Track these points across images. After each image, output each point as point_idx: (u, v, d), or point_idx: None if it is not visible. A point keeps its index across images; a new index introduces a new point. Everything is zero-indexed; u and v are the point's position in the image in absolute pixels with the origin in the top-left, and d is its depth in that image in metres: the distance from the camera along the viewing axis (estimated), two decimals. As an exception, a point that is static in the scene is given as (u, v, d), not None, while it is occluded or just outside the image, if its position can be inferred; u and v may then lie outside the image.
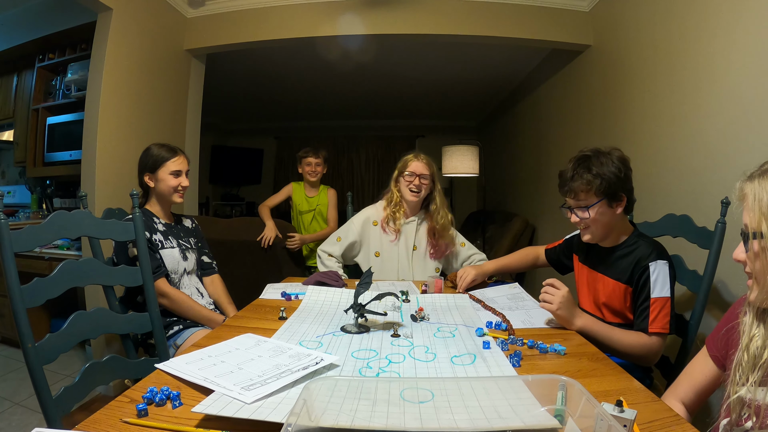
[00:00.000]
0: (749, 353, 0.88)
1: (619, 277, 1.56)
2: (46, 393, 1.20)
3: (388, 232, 2.35)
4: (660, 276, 1.46)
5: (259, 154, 8.03)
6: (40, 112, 3.59)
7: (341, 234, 2.38)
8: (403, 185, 2.30)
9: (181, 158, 2.01)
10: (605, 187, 1.48)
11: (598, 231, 1.58)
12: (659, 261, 1.48)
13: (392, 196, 2.35)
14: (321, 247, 2.41)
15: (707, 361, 1.09)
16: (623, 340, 1.43)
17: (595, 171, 1.48)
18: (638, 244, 1.55)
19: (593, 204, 1.51)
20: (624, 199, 1.52)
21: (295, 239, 3.12)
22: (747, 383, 0.87)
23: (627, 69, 2.79)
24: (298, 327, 1.42)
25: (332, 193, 3.46)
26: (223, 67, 4.56)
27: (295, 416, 0.67)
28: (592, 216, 1.53)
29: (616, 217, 1.55)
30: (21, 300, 1.20)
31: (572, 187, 1.53)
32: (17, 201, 4.25)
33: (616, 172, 1.48)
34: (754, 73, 1.78)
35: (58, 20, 3.37)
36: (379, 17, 3.29)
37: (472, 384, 0.86)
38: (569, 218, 1.61)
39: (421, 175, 2.27)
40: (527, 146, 5.07)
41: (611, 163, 1.49)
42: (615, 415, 0.74)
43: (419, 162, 2.29)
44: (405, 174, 2.29)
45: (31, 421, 2.31)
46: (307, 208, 3.45)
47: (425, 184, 2.28)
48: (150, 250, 1.88)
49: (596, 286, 1.66)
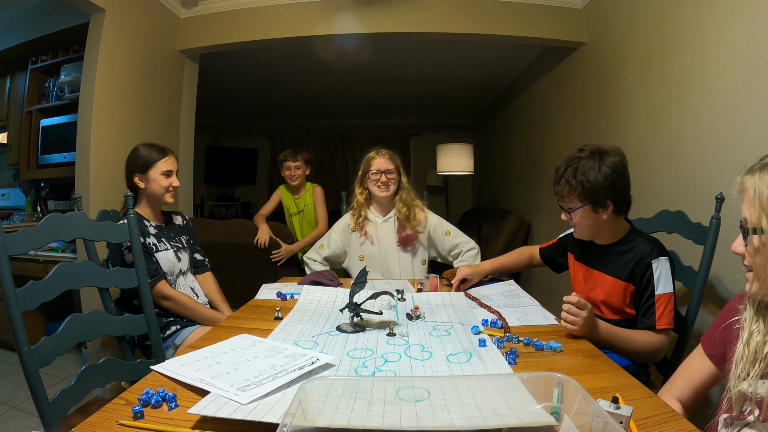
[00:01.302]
0: (750, 348, 0.88)
1: (618, 275, 1.56)
2: (42, 396, 1.19)
3: (364, 236, 2.36)
4: (663, 273, 1.47)
5: (254, 154, 8.01)
6: (34, 114, 3.58)
7: (324, 242, 2.40)
8: (371, 184, 2.31)
9: (171, 158, 2.01)
10: (587, 194, 1.48)
11: (584, 232, 1.61)
12: (661, 258, 1.49)
13: (358, 200, 2.36)
14: (307, 255, 2.44)
15: (704, 360, 1.09)
16: (637, 341, 1.44)
17: (580, 178, 1.47)
18: (636, 242, 1.55)
19: (576, 209, 1.53)
20: (610, 206, 1.50)
21: (280, 253, 3.07)
22: (748, 377, 0.87)
23: (621, 66, 2.80)
24: (293, 327, 1.42)
25: (318, 190, 3.39)
26: (217, 67, 4.55)
27: (291, 416, 0.67)
28: (576, 219, 1.56)
29: (603, 221, 1.54)
30: (16, 303, 1.20)
31: (557, 189, 1.57)
32: (11, 204, 4.23)
33: (601, 181, 1.45)
34: (747, 68, 1.78)
35: (51, 22, 3.35)
36: (373, 16, 3.28)
37: (468, 382, 0.86)
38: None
39: (387, 171, 2.28)
40: (522, 143, 5.07)
41: (599, 170, 1.46)
42: (611, 412, 0.75)
43: (381, 158, 2.30)
44: (371, 173, 2.29)
45: (27, 425, 2.30)
46: (296, 209, 3.45)
47: (392, 179, 2.29)
48: (146, 253, 1.88)
49: (594, 283, 1.66)
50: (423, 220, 2.35)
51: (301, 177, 3.36)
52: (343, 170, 8.00)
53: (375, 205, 2.39)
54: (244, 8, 3.41)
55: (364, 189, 2.37)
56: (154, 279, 1.85)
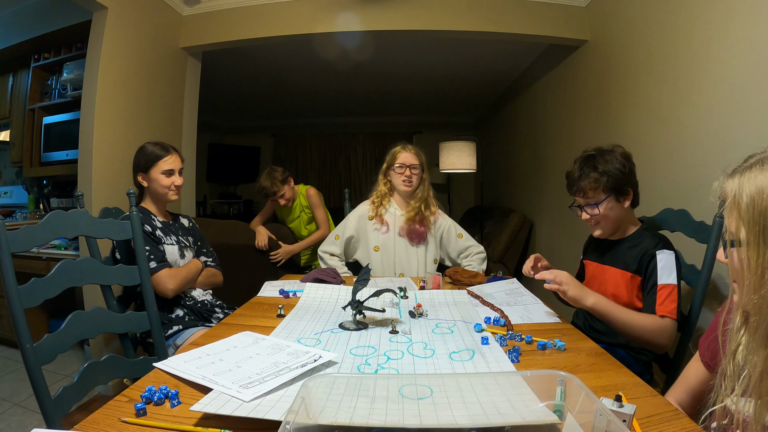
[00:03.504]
0: (734, 362, 0.85)
1: (626, 267, 1.61)
2: (44, 393, 1.19)
3: (381, 225, 2.36)
4: (667, 264, 1.51)
5: (256, 152, 8.01)
6: (36, 111, 3.58)
7: (338, 232, 2.39)
8: (395, 177, 2.33)
9: (173, 157, 2.00)
10: (612, 184, 1.55)
11: (608, 226, 1.64)
12: (665, 250, 1.53)
13: (380, 189, 2.38)
14: (321, 248, 2.42)
15: (699, 365, 1.08)
16: (637, 319, 1.47)
17: (601, 169, 1.55)
18: (644, 236, 1.61)
19: (602, 201, 1.58)
20: (630, 193, 1.59)
21: (279, 254, 3.07)
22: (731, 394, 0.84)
23: (624, 64, 2.79)
24: (296, 324, 1.42)
25: (312, 193, 3.33)
26: (220, 65, 4.55)
27: (294, 414, 0.66)
28: (602, 212, 1.59)
29: (625, 211, 1.62)
30: (19, 300, 1.20)
31: (581, 186, 1.60)
32: (14, 201, 4.24)
33: (620, 168, 1.55)
34: (750, 67, 1.77)
35: (53, 20, 3.35)
36: (375, 13, 3.28)
37: (470, 380, 0.86)
38: (579, 216, 1.67)
39: (411, 166, 2.30)
40: (524, 142, 5.06)
41: (615, 160, 1.56)
42: (614, 410, 0.74)
43: (408, 153, 2.32)
44: (395, 166, 2.32)
45: (30, 422, 2.31)
46: (291, 216, 3.43)
47: (416, 174, 2.32)
48: (153, 241, 1.89)
49: (603, 278, 1.70)
50: (435, 219, 2.37)
51: (292, 194, 3.32)
52: (346, 168, 8.01)
53: (397, 198, 2.41)
54: (246, 6, 3.40)
55: (387, 180, 2.39)
56: (160, 264, 1.85)
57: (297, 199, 3.39)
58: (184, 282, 1.93)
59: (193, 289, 2.06)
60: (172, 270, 1.90)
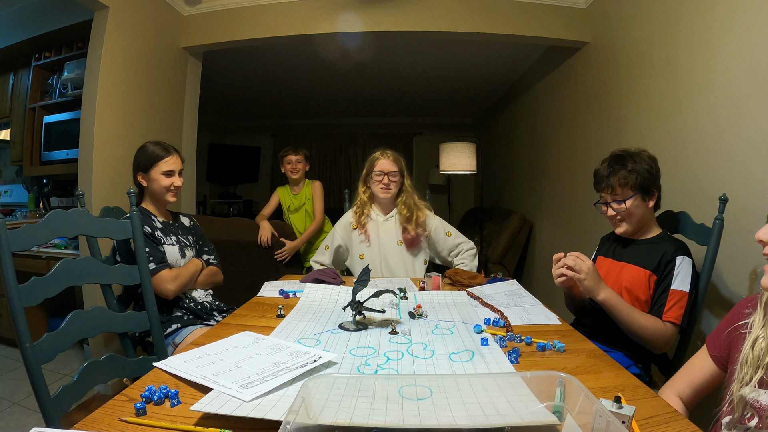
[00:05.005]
0: (754, 353, 0.87)
1: (644, 265, 1.64)
2: (44, 392, 1.19)
3: (363, 233, 2.37)
4: (683, 270, 1.56)
5: (257, 152, 8.01)
6: (37, 110, 3.58)
7: (327, 242, 2.42)
8: (374, 184, 2.33)
9: (173, 158, 2.00)
10: (640, 182, 1.61)
11: (632, 223, 1.68)
12: (686, 257, 1.58)
13: (360, 198, 2.39)
14: (314, 258, 2.45)
15: (707, 360, 1.09)
16: (640, 320, 1.51)
17: (630, 167, 1.61)
18: (665, 240, 1.66)
19: (629, 197, 1.63)
20: (655, 195, 1.66)
21: (284, 252, 3.12)
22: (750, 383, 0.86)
23: (624, 66, 2.79)
24: (296, 325, 1.42)
25: (317, 185, 3.45)
26: (220, 65, 4.55)
27: (294, 414, 0.67)
28: (628, 208, 1.64)
29: (649, 211, 1.69)
30: (18, 299, 1.20)
31: (610, 182, 1.65)
32: (14, 200, 4.24)
33: (648, 169, 1.62)
34: (751, 68, 1.78)
35: (54, 19, 3.35)
36: (376, 14, 3.28)
37: (470, 381, 0.86)
38: (604, 213, 1.73)
39: (390, 173, 2.30)
40: (524, 143, 5.06)
41: (643, 161, 1.63)
42: (613, 411, 0.74)
43: (386, 159, 2.32)
44: (374, 173, 2.32)
45: (29, 421, 2.31)
46: (296, 205, 3.48)
47: (394, 181, 2.32)
48: (153, 242, 1.89)
49: (619, 273, 1.72)
50: (425, 222, 2.36)
51: (302, 171, 3.44)
52: (346, 169, 8.00)
53: (377, 205, 2.41)
54: (247, 6, 3.40)
55: (367, 188, 2.39)
56: (160, 265, 1.85)
57: (304, 188, 3.47)
58: (184, 282, 1.93)
59: (194, 290, 2.06)
60: (172, 271, 1.90)
